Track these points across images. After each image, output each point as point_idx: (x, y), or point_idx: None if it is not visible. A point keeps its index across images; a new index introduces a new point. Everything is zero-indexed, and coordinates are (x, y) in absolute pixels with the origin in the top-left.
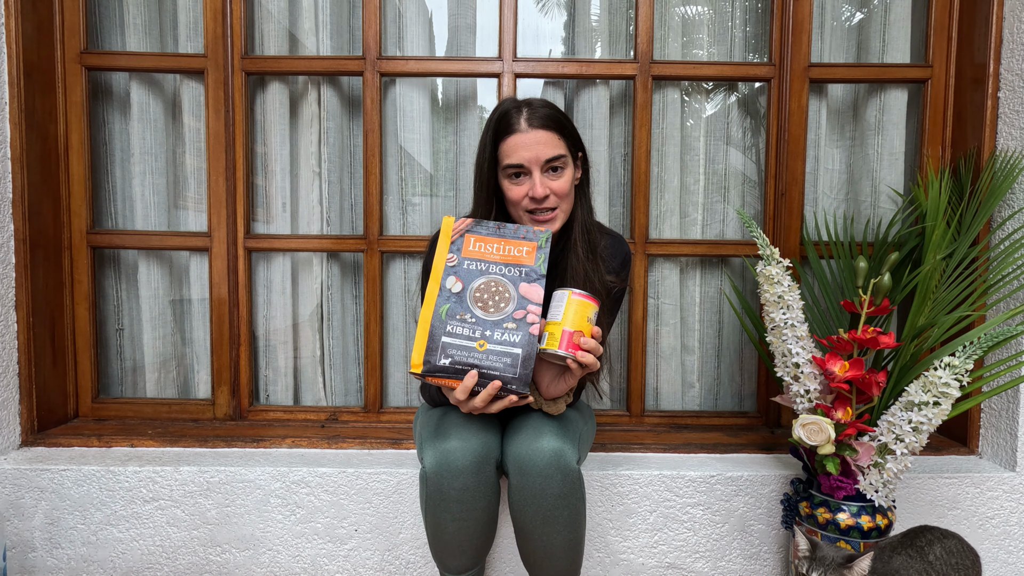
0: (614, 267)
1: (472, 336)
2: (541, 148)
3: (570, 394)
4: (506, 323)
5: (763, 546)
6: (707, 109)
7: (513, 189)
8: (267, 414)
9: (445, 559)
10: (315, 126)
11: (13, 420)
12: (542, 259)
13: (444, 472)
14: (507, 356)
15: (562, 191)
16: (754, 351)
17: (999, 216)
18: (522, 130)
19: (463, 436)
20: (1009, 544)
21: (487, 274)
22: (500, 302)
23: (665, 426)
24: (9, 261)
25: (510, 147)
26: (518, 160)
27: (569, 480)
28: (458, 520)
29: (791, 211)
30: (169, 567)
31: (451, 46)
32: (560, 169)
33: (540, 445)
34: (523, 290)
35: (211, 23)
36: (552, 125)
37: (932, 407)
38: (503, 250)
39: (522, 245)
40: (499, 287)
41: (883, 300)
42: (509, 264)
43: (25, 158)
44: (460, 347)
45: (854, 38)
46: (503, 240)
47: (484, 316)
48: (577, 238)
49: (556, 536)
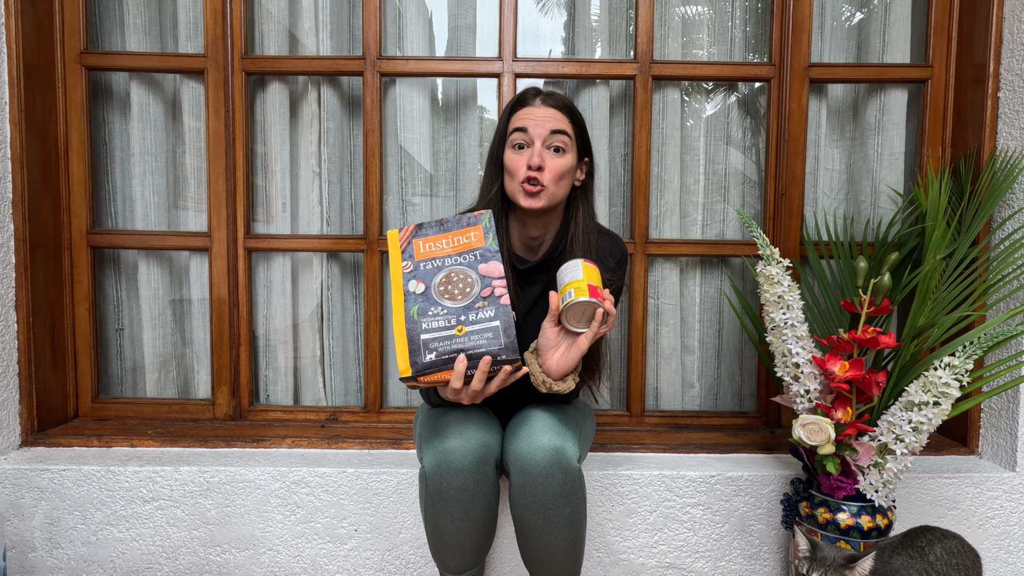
0: (611, 265)
1: (449, 325)
2: (548, 120)
3: (578, 369)
4: (476, 304)
5: (763, 546)
6: (707, 109)
7: (514, 159)
8: (267, 414)
9: (445, 559)
10: (315, 126)
11: (13, 420)
12: (491, 238)
13: (443, 472)
14: (488, 331)
15: (556, 171)
16: (754, 351)
17: (999, 216)
18: (535, 105)
19: (462, 435)
20: (1009, 544)
21: (444, 268)
22: (465, 288)
23: (665, 426)
24: (9, 261)
25: (519, 116)
26: (523, 124)
27: (570, 478)
28: (457, 520)
29: (791, 211)
30: (169, 567)
31: (451, 46)
32: (562, 151)
33: (541, 443)
34: (483, 270)
35: (211, 23)
36: (564, 109)
37: (932, 407)
38: (452, 242)
39: (469, 232)
40: (460, 275)
41: (883, 300)
42: (462, 252)
43: (25, 158)
44: (441, 338)
45: (854, 38)
46: (449, 234)
47: (454, 305)
48: (576, 239)
49: (557, 535)
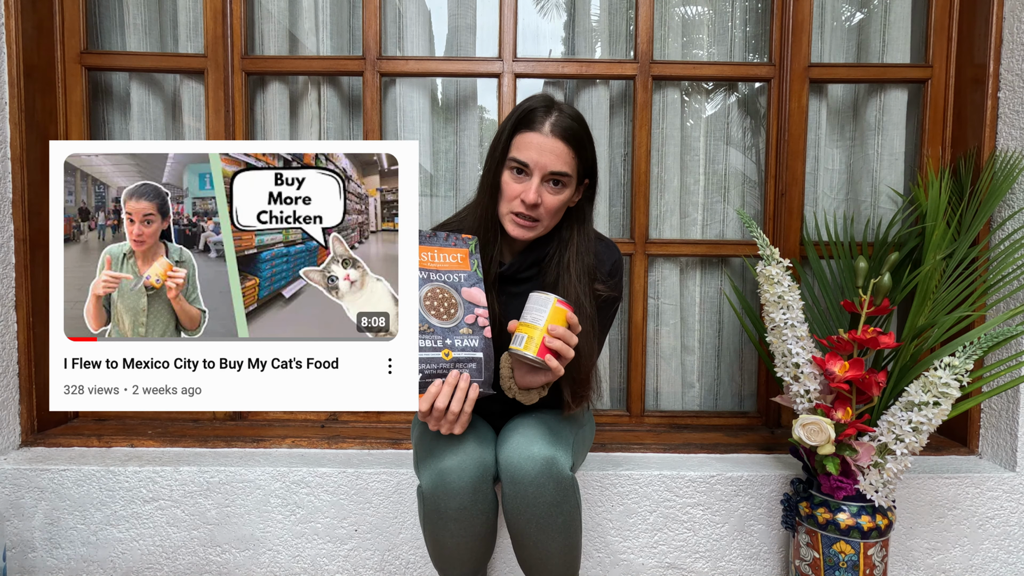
0: (602, 276)
1: (436, 346)
2: (551, 158)
3: (545, 388)
4: (461, 329)
5: (763, 546)
6: (707, 109)
7: (511, 184)
8: (267, 414)
9: (446, 568)
10: (315, 126)
11: (13, 420)
12: (476, 264)
13: (440, 493)
14: (472, 362)
15: (552, 208)
16: (754, 351)
17: (999, 216)
18: (542, 132)
19: (459, 454)
20: (1009, 544)
21: (430, 281)
22: (450, 308)
23: (665, 426)
24: (9, 261)
25: (523, 143)
26: (525, 159)
27: (562, 488)
28: (457, 536)
29: (791, 211)
30: (169, 567)
31: (451, 46)
32: (561, 186)
33: (531, 453)
34: (466, 295)
35: (211, 23)
36: (572, 141)
37: (932, 407)
38: (438, 258)
39: (455, 252)
40: (444, 294)
41: (883, 300)
42: (447, 271)
43: (25, 158)
44: (429, 360)
45: (854, 38)
46: (436, 248)
47: (440, 324)
48: (572, 259)
49: (551, 543)
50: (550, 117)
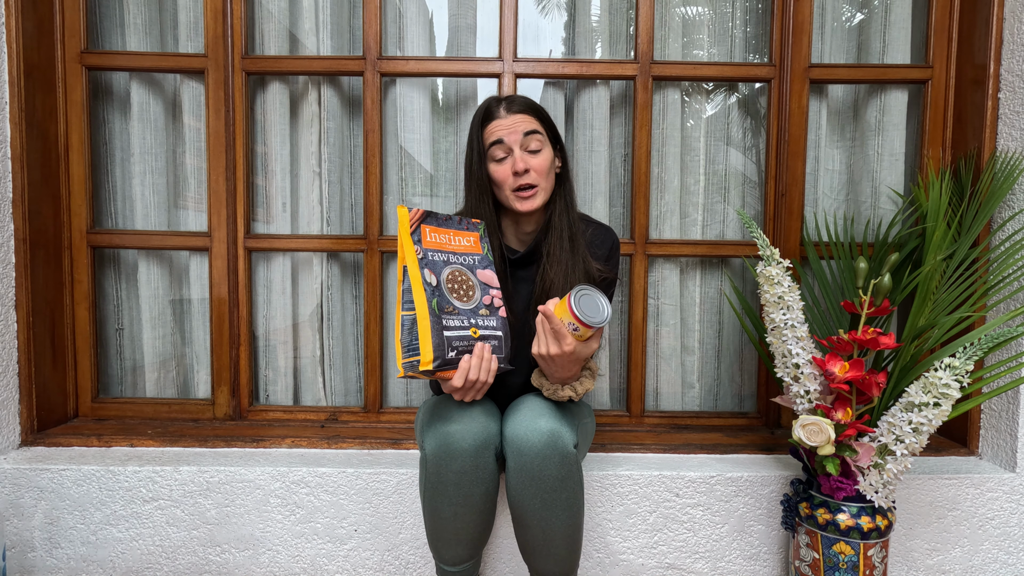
0: (601, 255)
1: (464, 325)
2: (519, 124)
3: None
4: (480, 310)
5: (763, 547)
6: (707, 109)
7: (498, 170)
8: (267, 414)
9: (441, 548)
10: (315, 126)
11: (13, 420)
12: (486, 248)
13: (443, 455)
14: (494, 339)
15: (541, 168)
16: (754, 351)
17: (999, 217)
18: (502, 115)
19: (463, 420)
20: (1009, 544)
21: (450, 264)
22: (469, 291)
23: (665, 426)
24: (9, 261)
25: (491, 130)
26: (498, 136)
27: (567, 462)
28: (455, 504)
29: (791, 212)
30: (169, 567)
31: (451, 46)
32: (538, 145)
33: (537, 426)
34: (481, 276)
35: (211, 23)
36: (530, 111)
37: (932, 408)
38: (454, 240)
39: (468, 235)
40: (463, 276)
41: (883, 301)
42: (463, 253)
43: (25, 158)
44: (460, 338)
45: (854, 39)
46: (451, 231)
47: (462, 306)
48: (558, 226)
49: (555, 520)
50: (502, 104)
